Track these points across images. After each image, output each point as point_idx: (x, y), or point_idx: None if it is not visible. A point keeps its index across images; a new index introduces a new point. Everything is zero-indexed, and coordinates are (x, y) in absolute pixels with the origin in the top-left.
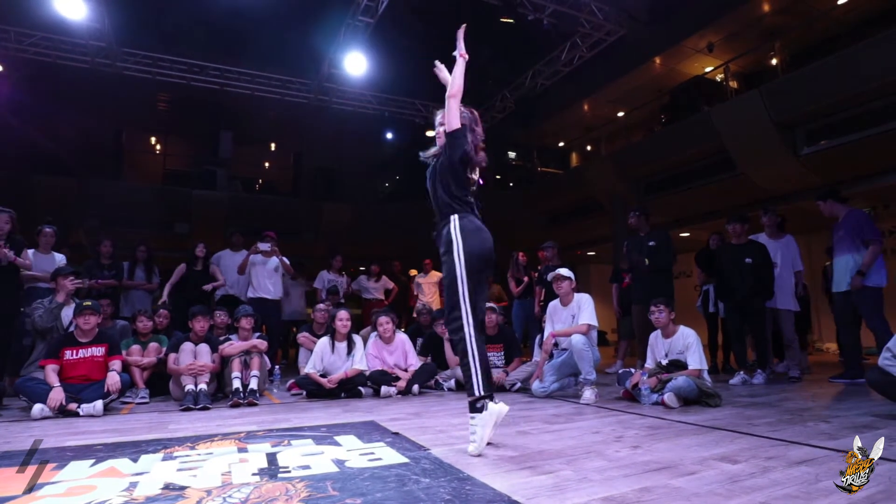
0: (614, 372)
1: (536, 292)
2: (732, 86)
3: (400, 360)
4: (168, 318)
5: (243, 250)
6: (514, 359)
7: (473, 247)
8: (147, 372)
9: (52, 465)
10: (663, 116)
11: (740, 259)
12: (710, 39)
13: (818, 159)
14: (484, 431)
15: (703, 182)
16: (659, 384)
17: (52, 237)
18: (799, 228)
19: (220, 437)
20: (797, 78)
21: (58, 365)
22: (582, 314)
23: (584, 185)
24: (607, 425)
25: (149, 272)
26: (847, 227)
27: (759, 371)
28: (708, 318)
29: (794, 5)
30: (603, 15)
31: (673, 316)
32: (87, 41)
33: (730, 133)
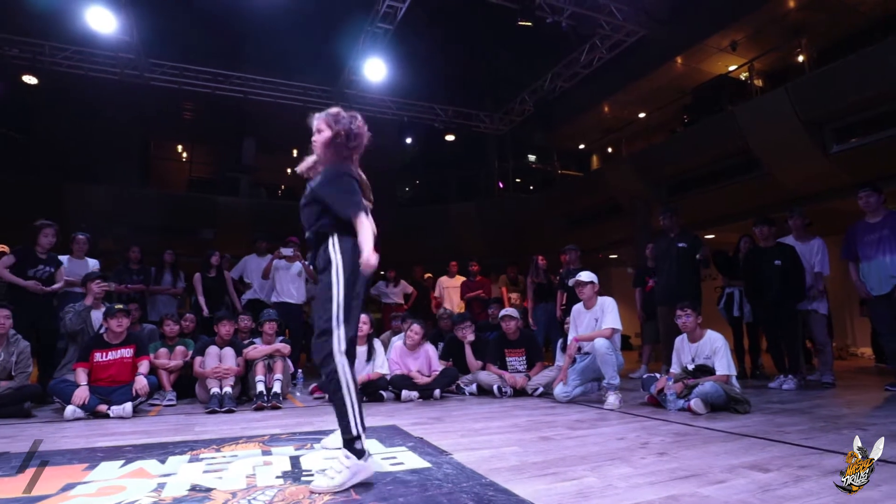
0: (638, 377)
1: (558, 296)
2: (757, 84)
3: (423, 366)
4: (194, 323)
5: (269, 255)
6: (536, 363)
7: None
8: (174, 375)
9: (83, 466)
10: (685, 117)
11: (769, 262)
12: (733, 38)
13: (848, 157)
14: (348, 480)
15: (727, 183)
16: (685, 389)
17: (85, 244)
18: (828, 230)
19: (244, 439)
20: (825, 75)
21: (88, 367)
22: (605, 318)
23: (605, 188)
24: (632, 431)
25: (175, 277)
26: (892, 227)
27: (790, 377)
28: (732, 322)
29: (820, 1)
30: (622, 16)
31: (700, 320)
32: (117, 53)
33: (755, 132)
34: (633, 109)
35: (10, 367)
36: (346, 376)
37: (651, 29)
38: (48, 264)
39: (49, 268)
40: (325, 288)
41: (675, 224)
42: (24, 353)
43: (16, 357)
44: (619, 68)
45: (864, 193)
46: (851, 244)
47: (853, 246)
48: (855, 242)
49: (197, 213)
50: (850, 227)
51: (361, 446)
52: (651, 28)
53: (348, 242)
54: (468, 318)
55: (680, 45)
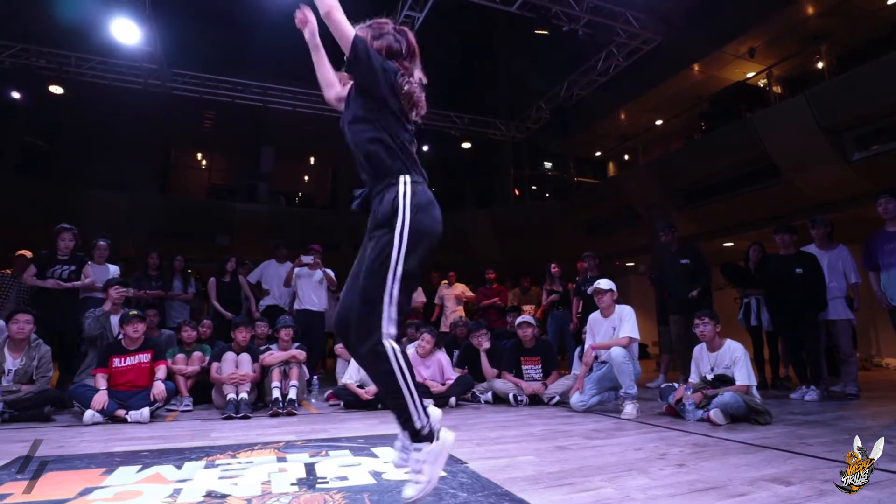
0: (656, 386)
1: (574, 304)
2: (776, 91)
3: (436, 374)
4: (211, 329)
5: (288, 262)
6: (553, 371)
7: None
8: (191, 380)
9: (101, 470)
10: (703, 124)
11: (790, 270)
12: (751, 45)
13: (869, 165)
14: (434, 469)
15: (746, 190)
16: (704, 400)
17: (105, 250)
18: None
19: (259, 446)
20: (845, 81)
21: (107, 373)
22: (623, 326)
23: (622, 195)
24: (650, 442)
25: (185, 282)
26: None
27: (812, 387)
28: (751, 331)
29: (840, 7)
30: (639, 23)
31: (719, 329)
32: (140, 64)
33: (774, 139)
34: (649, 117)
35: (32, 371)
36: (399, 360)
37: (668, 36)
38: (68, 264)
39: (69, 267)
40: (380, 249)
41: (674, 239)
42: (45, 358)
43: (37, 362)
44: (636, 76)
45: (883, 200)
46: (872, 253)
47: (874, 255)
48: (875, 251)
49: (215, 220)
50: (869, 235)
51: (429, 428)
52: (668, 35)
53: (423, 191)
54: (484, 326)
55: (697, 52)
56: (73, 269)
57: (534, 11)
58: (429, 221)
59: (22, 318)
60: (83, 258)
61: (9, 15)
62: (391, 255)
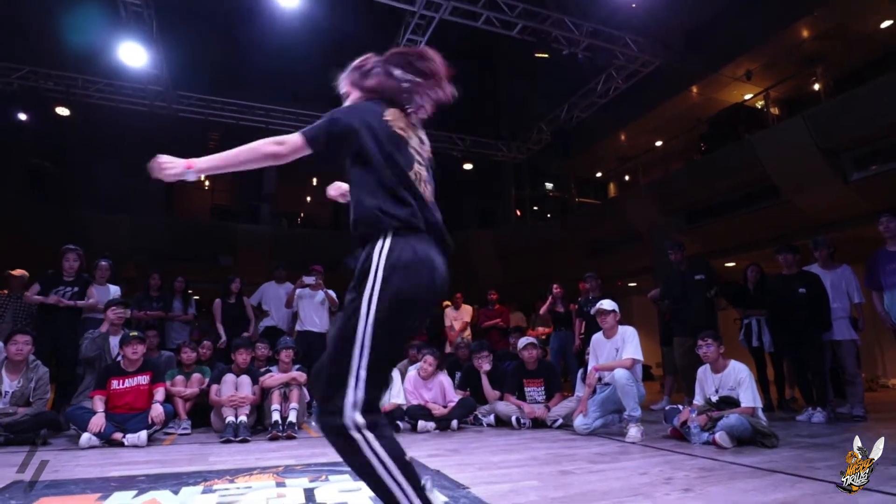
0: (661, 409)
1: (576, 325)
2: (773, 113)
3: (438, 397)
4: (211, 350)
5: (287, 283)
6: (556, 394)
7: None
8: (190, 403)
9: (97, 496)
10: (702, 145)
11: (794, 289)
12: (748, 67)
13: (869, 185)
14: None
15: (746, 211)
16: (709, 422)
17: (107, 270)
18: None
19: (258, 470)
20: (842, 103)
21: (105, 395)
22: (626, 348)
23: (623, 216)
24: (655, 466)
25: (185, 303)
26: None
27: (818, 409)
28: (753, 352)
29: (835, 30)
30: (638, 47)
31: (722, 350)
32: (147, 86)
33: (773, 160)
34: (649, 138)
35: (29, 393)
36: (376, 450)
37: (666, 59)
38: (73, 285)
39: (73, 288)
40: (346, 318)
41: (683, 258)
42: (42, 380)
43: (34, 383)
44: (636, 98)
45: (884, 219)
46: (875, 273)
47: (876, 274)
48: (878, 271)
49: (218, 241)
50: (871, 255)
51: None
52: (666, 58)
53: (408, 246)
54: (486, 348)
55: (695, 74)
56: (77, 291)
57: (534, 35)
58: (410, 285)
59: (21, 339)
60: (88, 279)
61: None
62: (357, 329)
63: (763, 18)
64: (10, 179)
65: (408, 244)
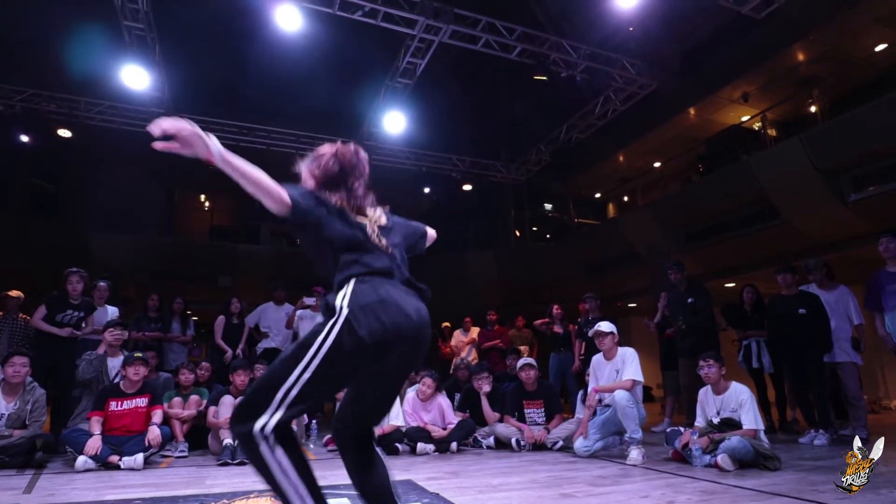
0: (662, 430)
1: (576, 346)
2: (771, 134)
3: (437, 419)
4: (210, 371)
5: (287, 304)
6: (555, 415)
7: (373, 329)
8: (187, 425)
9: None
10: (700, 166)
11: (793, 310)
12: (745, 90)
13: (867, 206)
14: None
15: (745, 231)
16: (711, 444)
17: (106, 291)
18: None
19: (255, 493)
20: (839, 124)
21: (102, 416)
22: (626, 369)
23: (622, 236)
24: (656, 489)
25: (184, 324)
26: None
27: (821, 431)
28: (753, 374)
29: (830, 53)
30: (635, 69)
31: (724, 371)
32: (148, 108)
33: (771, 181)
34: (647, 159)
35: (25, 415)
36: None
37: (663, 81)
38: (78, 309)
39: (78, 313)
40: (308, 336)
41: (683, 278)
42: (39, 402)
43: (31, 406)
44: (634, 119)
45: (884, 239)
46: (875, 294)
47: (877, 295)
48: (878, 292)
49: (217, 261)
50: (871, 276)
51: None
52: (663, 81)
53: (368, 290)
54: (485, 369)
55: (692, 96)
56: (83, 316)
57: (533, 58)
58: (376, 324)
59: (18, 360)
60: (91, 304)
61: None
62: (310, 347)
63: (759, 41)
64: (11, 200)
65: (369, 289)
